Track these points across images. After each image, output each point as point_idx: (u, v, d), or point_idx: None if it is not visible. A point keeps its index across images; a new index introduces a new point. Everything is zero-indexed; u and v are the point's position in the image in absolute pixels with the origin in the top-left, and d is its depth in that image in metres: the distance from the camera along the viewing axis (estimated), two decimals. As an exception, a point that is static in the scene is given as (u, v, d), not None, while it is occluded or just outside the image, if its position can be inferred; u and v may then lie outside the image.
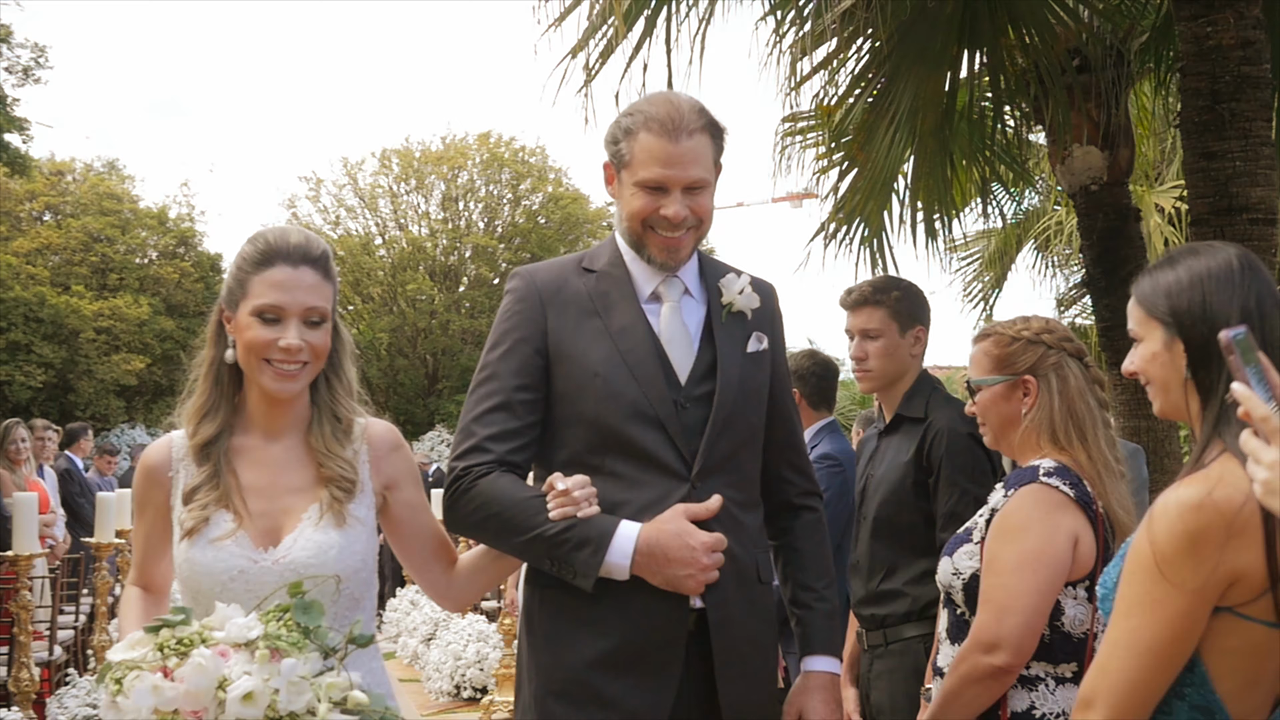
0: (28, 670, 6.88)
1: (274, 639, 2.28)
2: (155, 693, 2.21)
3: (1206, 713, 2.25)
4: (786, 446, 3.16)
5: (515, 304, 3.03)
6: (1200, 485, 2.24)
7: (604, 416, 2.91)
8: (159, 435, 2.95)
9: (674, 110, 2.95)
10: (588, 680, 2.87)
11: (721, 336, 3.02)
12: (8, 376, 22.61)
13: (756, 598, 2.97)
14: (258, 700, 2.21)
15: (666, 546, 2.78)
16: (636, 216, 2.96)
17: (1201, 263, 2.40)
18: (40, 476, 10.53)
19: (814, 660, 3.05)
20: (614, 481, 2.87)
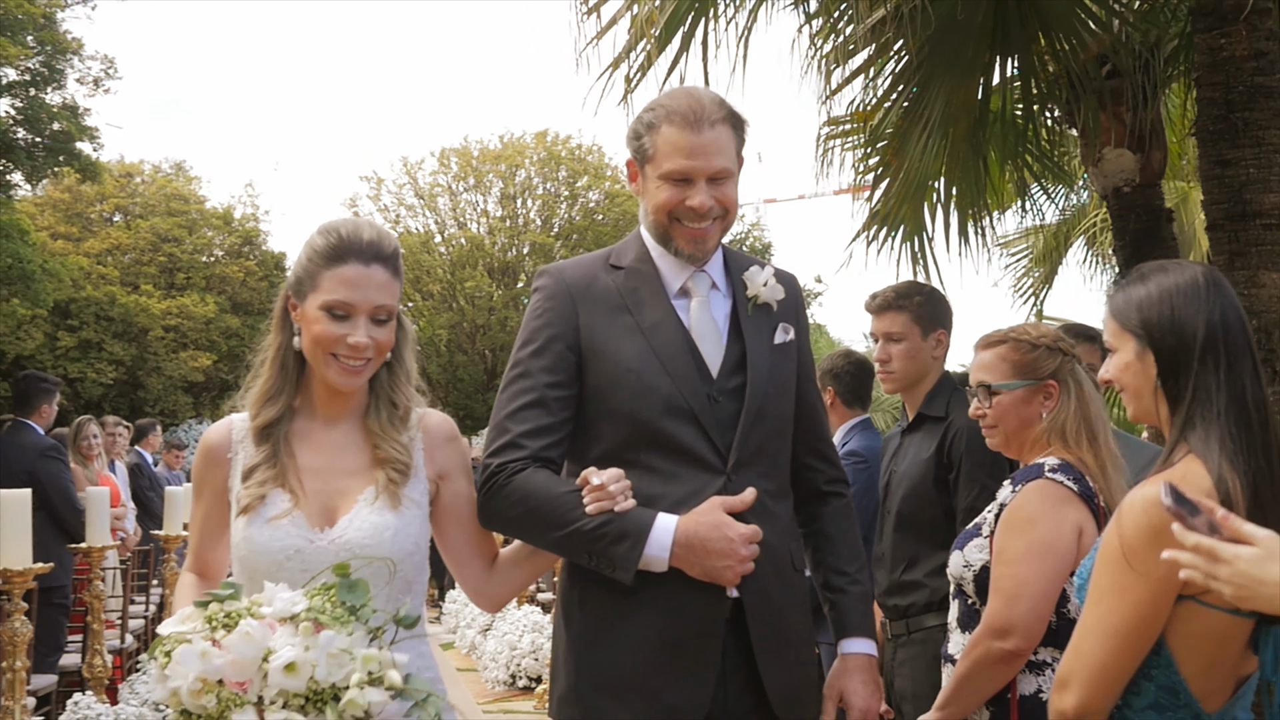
0: (100, 657, 7.18)
1: (318, 612, 2.30)
2: (202, 659, 2.22)
3: (1172, 692, 2.44)
4: (813, 434, 3.18)
5: (545, 301, 3.03)
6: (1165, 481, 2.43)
7: (638, 412, 2.92)
8: (224, 427, 3.03)
9: (695, 102, 2.97)
10: (627, 673, 2.88)
11: (749, 329, 3.04)
12: (80, 374, 22.83)
13: (792, 586, 3.01)
14: (299, 671, 2.22)
15: (705, 538, 2.79)
16: (662, 209, 2.97)
17: (1170, 279, 2.59)
18: (112, 471, 10.78)
19: (851, 642, 3.06)
20: (649, 475, 2.88)
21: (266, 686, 2.23)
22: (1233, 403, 2.48)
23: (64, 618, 8.61)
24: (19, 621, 5.67)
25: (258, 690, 2.23)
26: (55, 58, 11.03)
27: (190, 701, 2.23)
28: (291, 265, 2.82)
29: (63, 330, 22.84)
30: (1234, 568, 2.16)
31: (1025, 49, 6.18)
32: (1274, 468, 2.46)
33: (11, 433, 8.85)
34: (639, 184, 3.06)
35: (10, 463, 8.43)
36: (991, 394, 3.42)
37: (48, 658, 8.10)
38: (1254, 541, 2.18)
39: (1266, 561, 2.15)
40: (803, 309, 3.22)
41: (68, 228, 25.06)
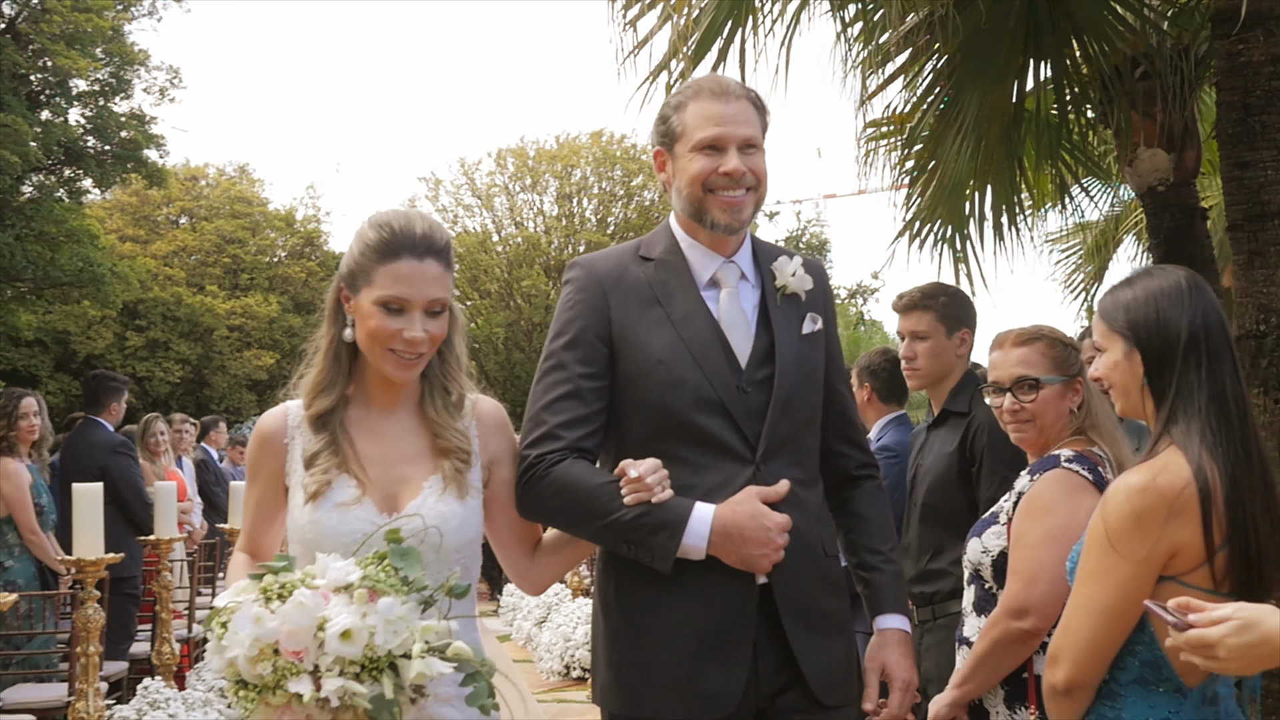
0: (169, 645, 7.29)
1: (373, 580, 2.30)
2: (256, 623, 2.23)
3: (1154, 667, 2.60)
4: (842, 421, 3.19)
5: (577, 294, 3.05)
6: (1147, 472, 2.61)
7: (668, 403, 2.93)
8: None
9: (718, 79, 3.08)
10: (665, 662, 2.90)
11: (778, 319, 3.05)
12: (148, 373, 23.06)
13: (825, 572, 3.02)
14: (355, 638, 2.22)
15: (743, 527, 2.82)
16: (697, 180, 2.97)
17: (1155, 283, 2.75)
18: (179, 467, 10.89)
19: (887, 618, 3.07)
20: (679, 466, 2.89)
21: (323, 655, 2.23)
22: (1213, 398, 2.64)
23: (134, 607, 8.88)
24: (92, 609, 5.83)
25: (313, 659, 2.23)
26: (123, 69, 11.36)
27: (247, 670, 2.24)
28: (349, 248, 2.80)
29: (131, 330, 23.11)
30: (1226, 646, 2.29)
31: (1058, 53, 6.25)
32: (1252, 459, 2.62)
33: (83, 430, 9.12)
34: (668, 171, 3.07)
35: (82, 459, 8.69)
36: (1035, 388, 3.53)
37: (119, 645, 8.35)
38: (1226, 618, 2.33)
39: (1245, 630, 2.30)
40: (830, 298, 3.23)
41: (135, 230, 25.34)
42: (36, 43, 10.48)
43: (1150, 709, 2.61)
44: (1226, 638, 2.30)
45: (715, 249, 3.06)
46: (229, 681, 2.29)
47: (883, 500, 3.22)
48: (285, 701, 2.23)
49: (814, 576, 2.98)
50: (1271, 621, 2.32)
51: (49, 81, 10.96)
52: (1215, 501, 2.55)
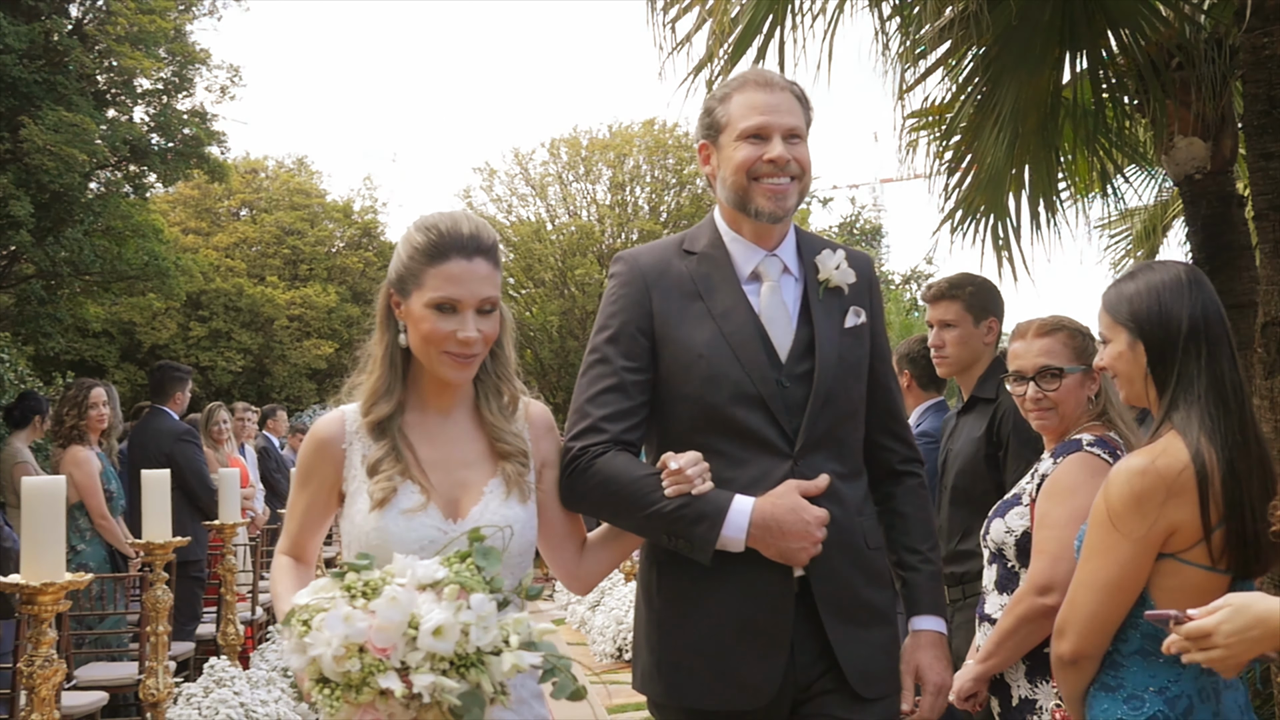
0: (234, 626, 7.43)
1: (459, 577, 2.30)
2: (346, 623, 2.21)
3: (1154, 639, 2.75)
4: (886, 414, 3.19)
5: (620, 288, 3.08)
6: (1147, 455, 2.76)
7: (708, 397, 2.96)
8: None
9: (763, 71, 3.18)
10: (703, 651, 2.93)
11: (819, 313, 3.05)
12: (211, 362, 23.12)
13: (865, 564, 3.03)
14: (448, 634, 2.21)
15: (782, 520, 2.83)
16: (741, 168, 2.99)
17: (1156, 276, 2.90)
18: (241, 454, 11.17)
19: (921, 620, 3.09)
20: (718, 459, 2.90)
21: (411, 652, 2.22)
22: (1212, 386, 2.79)
23: (200, 590, 9.11)
24: (160, 590, 6.02)
25: (400, 656, 2.22)
26: (185, 68, 11.65)
27: (331, 668, 2.22)
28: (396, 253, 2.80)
29: (194, 321, 23.24)
30: (1221, 632, 2.44)
31: (1093, 44, 6.33)
32: (1249, 443, 2.76)
33: (149, 419, 9.36)
34: (713, 162, 3.08)
35: (149, 446, 8.94)
36: (1058, 377, 3.66)
37: (186, 626, 8.60)
38: (1219, 608, 2.48)
39: (1238, 614, 2.44)
40: (877, 291, 3.22)
41: (197, 223, 25.45)
42: (103, 44, 10.79)
43: (1150, 678, 2.76)
44: (1222, 624, 2.44)
45: (758, 242, 3.07)
46: (310, 680, 2.26)
47: (924, 498, 3.22)
48: (370, 699, 2.21)
49: (854, 569, 2.99)
50: (1262, 604, 2.46)
51: (115, 81, 11.26)
52: (1212, 483, 2.69)
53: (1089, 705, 2.86)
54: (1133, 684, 2.78)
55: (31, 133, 9.80)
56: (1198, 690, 2.75)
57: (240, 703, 6.64)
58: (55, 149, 9.70)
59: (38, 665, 4.01)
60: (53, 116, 9.92)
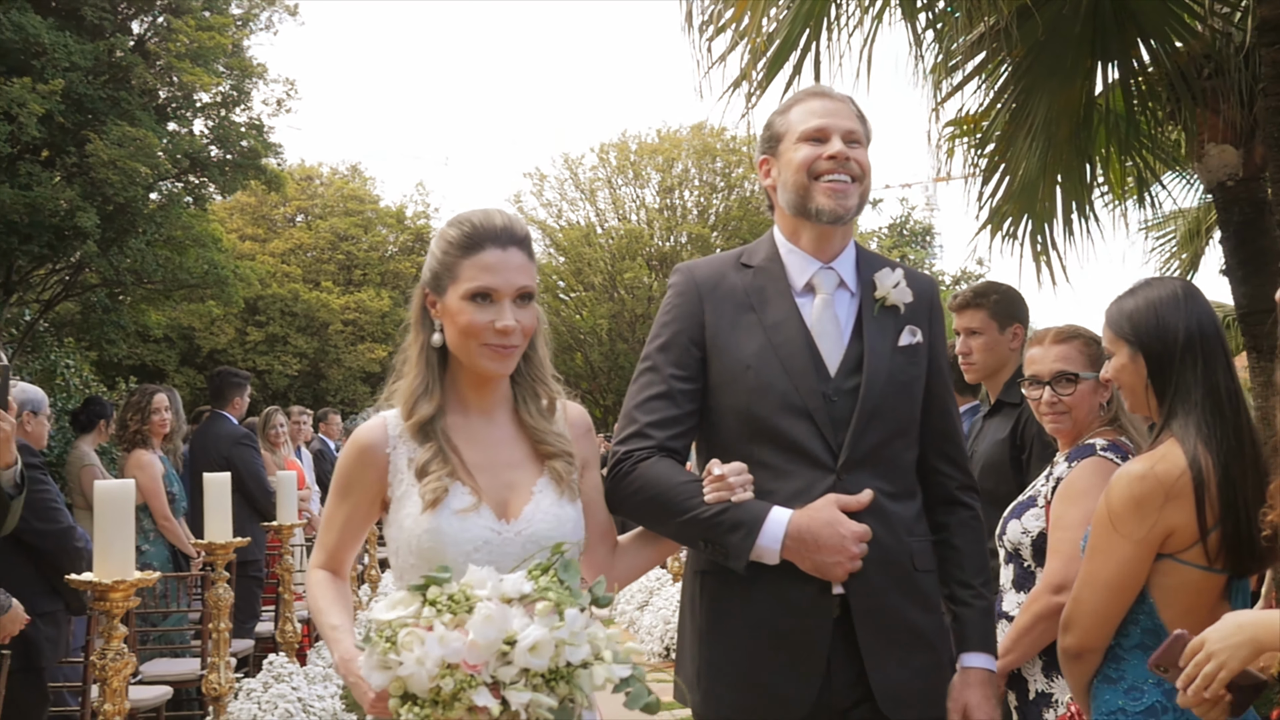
0: (291, 624, 7.48)
1: (546, 592, 2.27)
2: (442, 643, 2.17)
3: (1154, 634, 2.90)
4: (941, 438, 3.14)
5: (675, 298, 3.10)
6: (1146, 462, 2.92)
7: (754, 407, 2.95)
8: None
9: (824, 86, 3.26)
10: (739, 662, 2.92)
11: (871, 330, 3.03)
12: (267, 366, 23.49)
13: (912, 585, 2.97)
14: (543, 650, 2.19)
15: (818, 534, 2.82)
16: (802, 167, 3.00)
17: (1155, 292, 3.05)
18: (297, 457, 11.30)
19: (971, 657, 3.03)
20: (762, 471, 2.90)
21: (503, 667, 2.19)
22: (1208, 395, 2.94)
23: (259, 589, 9.26)
24: (222, 588, 6.11)
25: (491, 671, 2.19)
26: (243, 81, 12.00)
27: (421, 686, 2.19)
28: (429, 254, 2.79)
29: (251, 326, 23.60)
30: (1211, 648, 2.51)
31: (1124, 55, 6.43)
32: (1244, 448, 2.91)
33: (209, 423, 9.53)
34: (773, 174, 3.10)
35: (209, 450, 9.09)
36: (1073, 382, 3.77)
37: (245, 624, 8.73)
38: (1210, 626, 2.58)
39: (1225, 623, 2.54)
40: (939, 315, 3.18)
41: (254, 230, 25.87)
42: (163, 60, 11.14)
43: (1150, 670, 2.91)
44: (1211, 632, 2.55)
45: (816, 253, 3.07)
46: (394, 698, 2.24)
47: (978, 530, 3.17)
48: (460, 715, 2.18)
49: (898, 589, 2.94)
50: (1248, 615, 2.59)
51: (175, 96, 11.62)
52: (1209, 488, 2.84)
53: (1093, 696, 3.01)
54: (1133, 676, 2.92)
55: (97, 147, 10.14)
56: (1195, 683, 2.89)
57: (298, 698, 6.71)
58: (120, 163, 10.03)
59: (109, 658, 4.21)
60: (117, 131, 10.26)
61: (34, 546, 5.24)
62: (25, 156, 10.85)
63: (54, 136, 10.79)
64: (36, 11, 10.23)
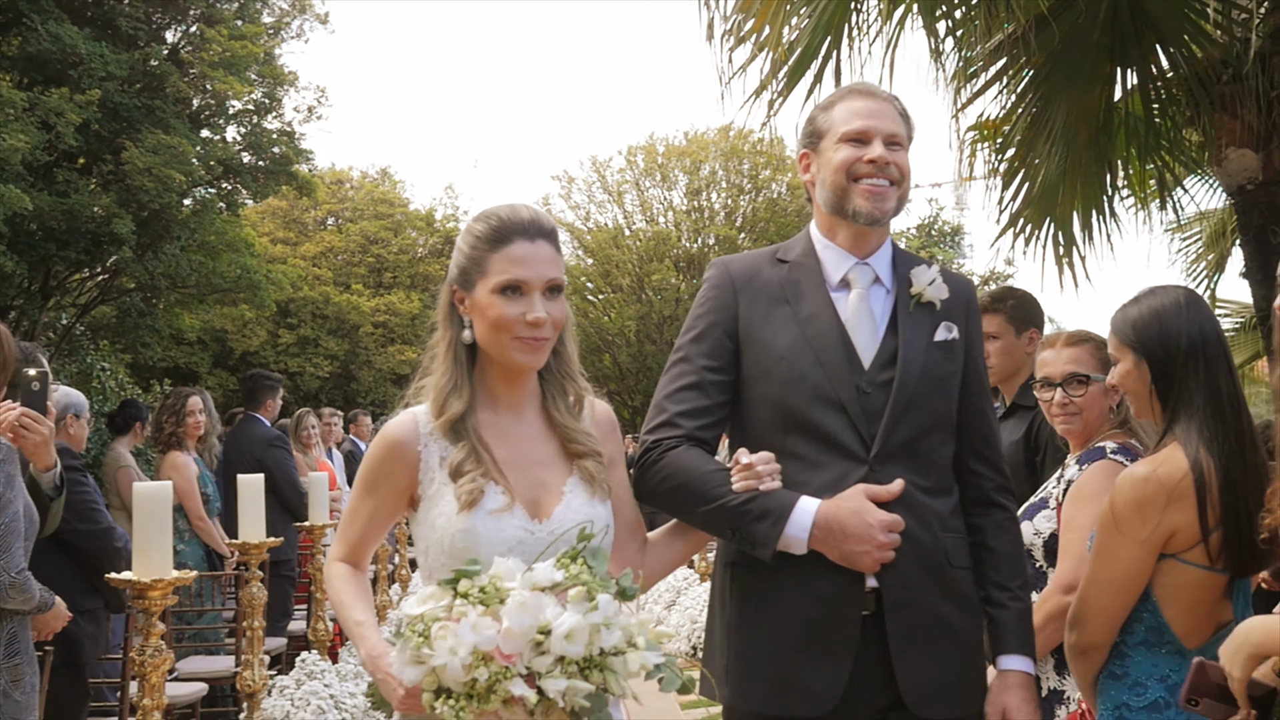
0: (323, 622, 7.44)
1: (577, 578, 2.26)
2: (475, 631, 2.16)
3: (1157, 632, 3.00)
4: (977, 439, 3.10)
5: (710, 291, 3.10)
6: (1150, 464, 3.01)
7: (787, 399, 2.94)
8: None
9: (868, 83, 3.26)
10: (769, 656, 2.90)
11: (906, 325, 3.02)
12: (299, 368, 23.67)
13: (946, 582, 2.94)
14: (578, 637, 2.17)
15: (845, 523, 2.80)
16: (841, 168, 2.99)
17: (1158, 301, 3.15)
18: (328, 458, 11.41)
19: (1009, 659, 2.98)
20: (794, 462, 2.89)
21: (538, 656, 2.18)
22: (1210, 399, 3.03)
23: (291, 588, 9.37)
24: (256, 587, 6.19)
25: (526, 661, 2.18)
26: (275, 89, 12.19)
27: (455, 678, 2.17)
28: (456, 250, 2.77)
29: (283, 328, 23.83)
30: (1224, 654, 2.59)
31: (1143, 61, 6.49)
32: (1245, 451, 2.99)
33: (242, 425, 9.68)
34: (812, 170, 3.10)
35: (242, 452, 9.22)
36: (1084, 384, 3.83)
37: (278, 623, 8.79)
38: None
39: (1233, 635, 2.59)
40: (975, 313, 3.18)
41: (286, 233, 26.10)
42: (197, 69, 11.35)
43: (1154, 667, 3.00)
44: (1224, 648, 2.62)
45: (852, 250, 3.07)
46: (428, 691, 2.22)
47: (1015, 532, 3.14)
48: (496, 707, 2.17)
49: (931, 584, 2.92)
50: (1244, 623, 2.65)
51: (208, 104, 11.83)
52: (1210, 490, 2.93)
53: (1099, 691, 3.11)
54: (1137, 672, 3.01)
55: (132, 155, 10.34)
56: (1197, 679, 2.98)
57: (330, 694, 6.77)
58: (154, 170, 10.22)
59: (148, 655, 4.32)
60: (152, 139, 10.45)
61: (75, 546, 5.36)
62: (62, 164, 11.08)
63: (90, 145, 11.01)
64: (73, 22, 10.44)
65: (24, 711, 4.02)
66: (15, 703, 3.98)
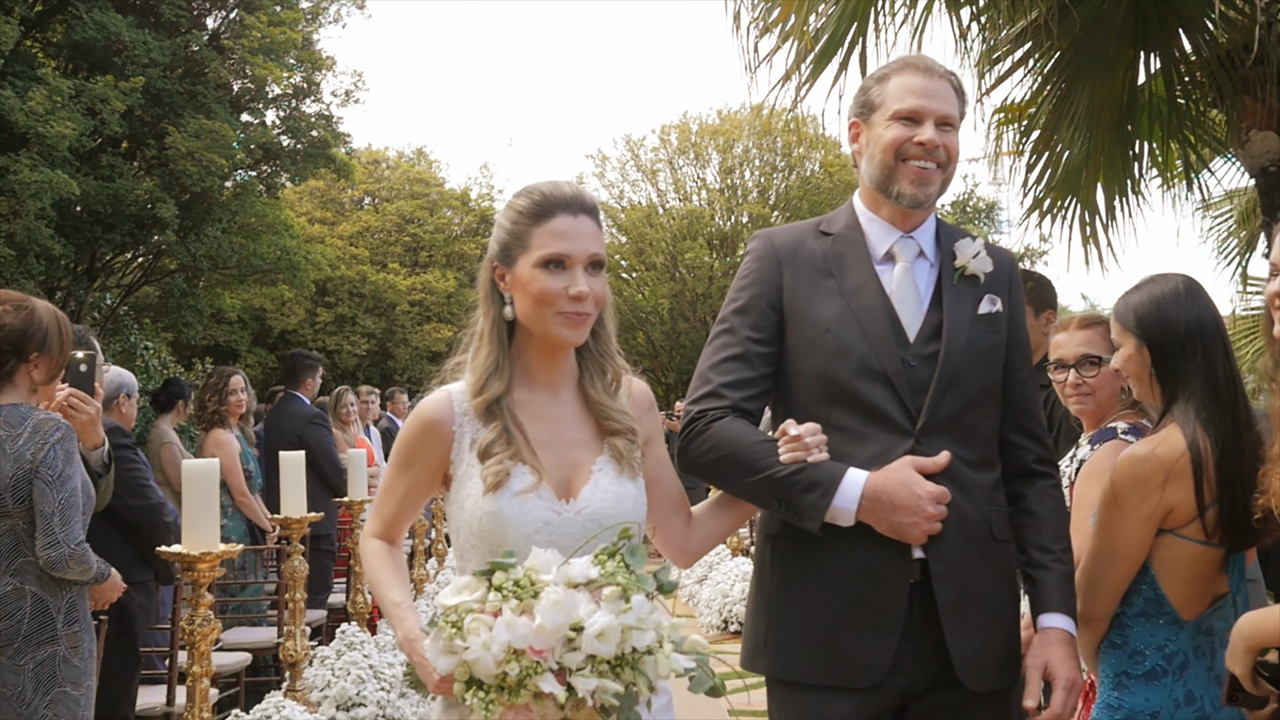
0: (362, 595, 7.67)
1: (612, 577, 2.25)
2: (509, 628, 2.16)
3: (1156, 603, 3.13)
4: (1020, 412, 3.11)
5: (753, 263, 3.08)
6: (1149, 444, 3.15)
7: (832, 371, 2.93)
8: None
9: (924, 57, 3.14)
10: (814, 627, 2.90)
11: (950, 298, 3.02)
12: (337, 346, 23.81)
13: (990, 554, 2.96)
14: (610, 637, 2.16)
15: (893, 494, 2.80)
16: (890, 148, 2.98)
17: (1158, 288, 3.28)
18: (366, 435, 11.60)
19: (1051, 617, 2.97)
20: (839, 434, 2.89)
21: (569, 653, 2.18)
22: (1207, 382, 3.16)
23: (331, 562, 9.60)
24: (298, 560, 6.34)
25: (557, 657, 2.17)
26: (313, 74, 12.40)
27: (488, 671, 2.18)
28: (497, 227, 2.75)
29: (321, 307, 23.96)
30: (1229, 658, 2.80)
31: (1166, 45, 6.56)
32: (1240, 430, 3.12)
33: (283, 403, 9.91)
34: (862, 140, 3.08)
35: (283, 429, 9.47)
36: (1097, 365, 3.94)
37: (318, 595, 9.03)
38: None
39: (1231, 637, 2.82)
40: (1018, 286, 3.18)
41: (323, 213, 26.15)
42: (237, 54, 11.57)
43: (1151, 636, 3.13)
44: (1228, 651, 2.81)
45: (895, 223, 3.07)
46: (459, 682, 2.24)
47: (1059, 499, 3.15)
48: (526, 701, 2.18)
49: (977, 557, 2.93)
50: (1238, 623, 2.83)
51: (248, 89, 12.05)
52: (1206, 469, 3.06)
53: (1100, 659, 3.24)
54: (1136, 641, 3.14)
55: (175, 140, 10.56)
56: (1193, 648, 3.11)
57: (369, 664, 6.93)
58: (197, 154, 10.44)
59: (197, 624, 4.51)
60: (194, 124, 10.68)
61: (126, 520, 5.56)
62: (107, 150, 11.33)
63: (134, 130, 11.25)
64: (117, 10, 10.67)
65: (83, 676, 4.23)
66: (75, 668, 4.19)
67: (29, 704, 4.06)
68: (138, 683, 5.91)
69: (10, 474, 4.11)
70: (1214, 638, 3.11)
